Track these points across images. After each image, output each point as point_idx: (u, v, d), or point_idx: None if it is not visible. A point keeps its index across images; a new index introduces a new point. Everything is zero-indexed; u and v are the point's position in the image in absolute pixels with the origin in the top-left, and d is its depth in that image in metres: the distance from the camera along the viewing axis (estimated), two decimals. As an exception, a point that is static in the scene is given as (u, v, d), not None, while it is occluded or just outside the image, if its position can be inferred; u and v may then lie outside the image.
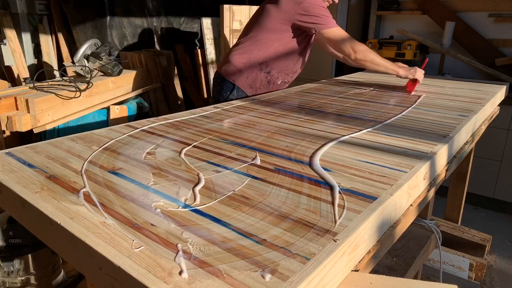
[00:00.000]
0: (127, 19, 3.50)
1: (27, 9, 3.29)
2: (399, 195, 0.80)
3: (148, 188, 0.79)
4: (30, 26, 3.34)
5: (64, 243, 0.66)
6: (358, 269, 0.69)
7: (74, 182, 0.81)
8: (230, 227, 0.65)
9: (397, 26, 3.46)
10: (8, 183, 0.80)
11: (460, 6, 3.20)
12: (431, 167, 0.99)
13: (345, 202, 0.74)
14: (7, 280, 1.23)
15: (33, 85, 2.07)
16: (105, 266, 0.57)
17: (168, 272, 0.53)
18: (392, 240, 0.85)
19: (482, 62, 3.11)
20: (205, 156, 0.97)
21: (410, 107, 1.55)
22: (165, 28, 3.86)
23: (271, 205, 0.73)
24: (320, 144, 1.08)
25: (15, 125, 1.82)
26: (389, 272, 1.20)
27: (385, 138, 1.14)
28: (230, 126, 1.26)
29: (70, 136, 1.12)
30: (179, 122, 1.29)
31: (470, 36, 3.18)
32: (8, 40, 3.14)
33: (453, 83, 2.19)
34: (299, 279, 0.52)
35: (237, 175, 0.86)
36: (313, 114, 1.42)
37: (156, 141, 1.08)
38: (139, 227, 0.64)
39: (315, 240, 0.61)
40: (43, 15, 3.39)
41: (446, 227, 2.01)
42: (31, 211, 0.72)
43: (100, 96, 2.31)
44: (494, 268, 2.32)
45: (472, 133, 1.46)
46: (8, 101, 1.85)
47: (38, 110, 1.88)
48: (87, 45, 2.37)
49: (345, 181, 0.83)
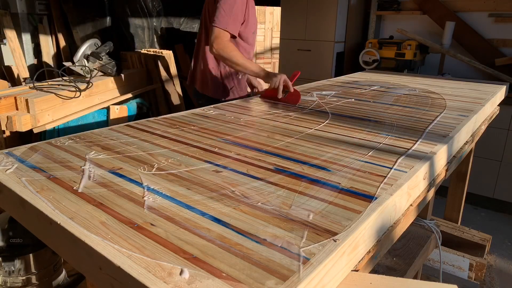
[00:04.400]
0: (127, 19, 3.50)
1: (27, 9, 3.29)
2: (399, 195, 0.81)
3: (148, 187, 0.79)
4: (30, 26, 3.34)
5: (64, 243, 0.66)
6: (358, 269, 0.69)
7: (74, 182, 0.81)
8: (230, 227, 0.65)
9: (397, 26, 3.46)
10: (8, 183, 0.80)
11: (460, 6, 3.20)
12: (431, 167, 0.99)
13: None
14: (8, 280, 1.23)
15: (33, 85, 2.07)
16: (105, 266, 0.57)
17: (168, 272, 0.53)
18: (392, 240, 0.85)
19: (482, 62, 3.11)
20: (205, 156, 0.97)
21: (411, 107, 1.55)
22: (165, 28, 3.86)
23: (271, 205, 0.73)
24: (320, 144, 1.08)
25: (15, 125, 1.82)
26: (389, 272, 1.20)
27: (385, 138, 1.14)
28: (230, 126, 1.26)
29: (70, 136, 1.12)
30: (179, 122, 1.29)
31: (470, 36, 3.18)
32: (8, 40, 3.14)
33: (453, 83, 2.19)
34: (299, 279, 0.52)
35: (237, 175, 0.86)
36: (313, 114, 1.42)
37: (156, 141, 1.08)
38: (139, 227, 0.64)
39: (315, 240, 0.61)
40: (43, 15, 3.39)
41: (446, 227, 2.01)
42: (31, 211, 0.72)
43: (100, 96, 2.31)
44: (494, 268, 2.32)
45: (472, 133, 1.46)
46: (8, 101, 1.85)
47: (38, 110, 1.88)
48: (87, 45, 2.37)
49: (345, 181, 0.83)
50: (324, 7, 3.58)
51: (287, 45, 3.86)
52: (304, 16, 3.70)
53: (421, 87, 2.05)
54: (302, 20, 3.73)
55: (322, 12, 3.59)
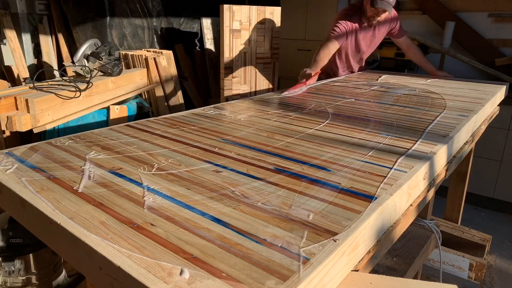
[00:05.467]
0: (127, 19, 3.50)
1: (27, 9, 3.29)
2: (399, 195, 0.80)
3: (148, 187, 0.79)
4: (30, 26, 3.34)
5: (64, 243, 0.66)
6: (358, 269, 0.69)
7: (74, 182, 0.81)
8: (230, 227, 0.65)
9: (397, 26, 3.46)
10: (8, 183, 0.80)
11: (460, 6, 3.19)
12: (431, 167, 0.99)
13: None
14: (8, 280, 1.23)
15: (33, 85, 2.07)
16: (105, 266, 0.57)
17: (168, 272, 0.53)
18: (391, 240, 0.85)
19: (482, 62, 3.11)
20: (205, 156, 0.97)
21: (411, 107, 1.55)
22: (165, 28, 3.86)
23: (271, 205, 0.73)
24: (320, 144, 1.08)
25: (15, 125, 1.82)
26: (389, 272, 1.20)
27: (385, 138, 1.14)
28: (230, 126, 1.26)
29: (70, 136, 1.12)
30: (179, 122, 1.29)
31: (470, 36, 3.18)
32: (8, 40, 3.14)
33: (453, 83, 2.19)
34: (299, 279, 0.52)
35: (237, 175, 0.86)
36: (313, 114, 1.42)
37: (156, 141, 1.08)
38: (139, 227, 0.64)
39: (315, 240, 0.61)
40: (43, 15, 3.39)
41: (446, 227, 2.01)
42: (31, 211, 0.72)
43: (100, 96, 2.31)
44: (494, 268, 2.32)
45: (472, 133, 1.46)
46: (8, 101, 1.84)
47: (38, 110, 1.88)
48: (87, 45, 2.37)
49: (345, 181, 0.83)
50: (324, 7, 3.58)
51: (287, 45, 3.86)
52: (304, 16, 3.70)
53: (421, 87, 2.05)
54: (302, 20, 3.72)
55: (322, 12, 3.59)
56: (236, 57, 2.78)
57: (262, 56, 2.95)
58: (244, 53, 2.82)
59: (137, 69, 2.86)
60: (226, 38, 2.72)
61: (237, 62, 2.80)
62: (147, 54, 2.91)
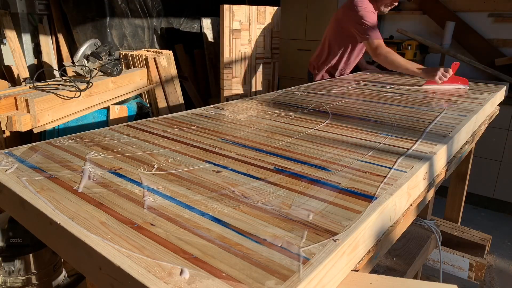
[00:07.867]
0: (127, 19, 3.50)
1: (27, 9, 3.29)
2: (399, 195, 0.80)
3: (148, 188, 0.79)
4: (30, 26, 3.34)
5: (64, 243, 0.66)
6: (357, 269, 0.69)
7: (74, 182, 0.81)
8: (230, 227, 0.65)
9: (397, 26, 3.46)
10: (8, 183, 0.80)
11: (460, 6, 3.19)
12: (431, 167, 0.99)
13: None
14: (8, 280, 1.23)
15: (33, 85, 2.07)
16: (105, 266, 0.57)
17: (168, 272, 0.53)
18: (391, 240, 0.85)
19: (482, 62, 3.11)
20: (205, 156, 0.97)
21: (411, 107, 1.55)
22: (165, 28, 3.86)
23: (271, 205, 0.73)
24: (320, 144, 1.08)
25: (15, 125, 1.82)
26: (389, 272, 1.20)
27: (385, 138, 1.14)
28: (230, 126, 1.26)
29: (70, 136, 1.12)
30: (179, 122, 1.29)
31: (470, 36, 3.18)
32: (8, 40, 3.14)
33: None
34: (299, 279, 0.52)
35: (237, 175, 0.86)
36: (313, 114, 1.42)
37: (156, 141, 1.08)
38: (139, 227, 0.64)
39: (315, 240, 0.61)
40: (43, 15, 3.39)
41: (446, 227, 2.01)
42: (31, 211, 0.72)
43: (100, 96, 2.31)
44: (494, 268, 2.32)
45: (472, 133, 1.46)
46: (8, 101, 1.84)
47: (38, 110, 1.88)
48: (87, 45, 2.37)
49: (345, 181, 0.83)
50: (324, 7, 3.58)
51: (287, 45, 3.86)
52: (304, 16, 3.70)
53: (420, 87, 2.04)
54: (302, 20, 3.73)
55: (322, 12, 3.59)
56: (236, 57, 2.78)
57: (262, 56, 2.95)
58: (244, 53, 2.82)
59: (137, 69, 2.86)
60: (226, 38, 2.73)
61: (237, 62, 2.80)
62: (147, 54, 2.90)
